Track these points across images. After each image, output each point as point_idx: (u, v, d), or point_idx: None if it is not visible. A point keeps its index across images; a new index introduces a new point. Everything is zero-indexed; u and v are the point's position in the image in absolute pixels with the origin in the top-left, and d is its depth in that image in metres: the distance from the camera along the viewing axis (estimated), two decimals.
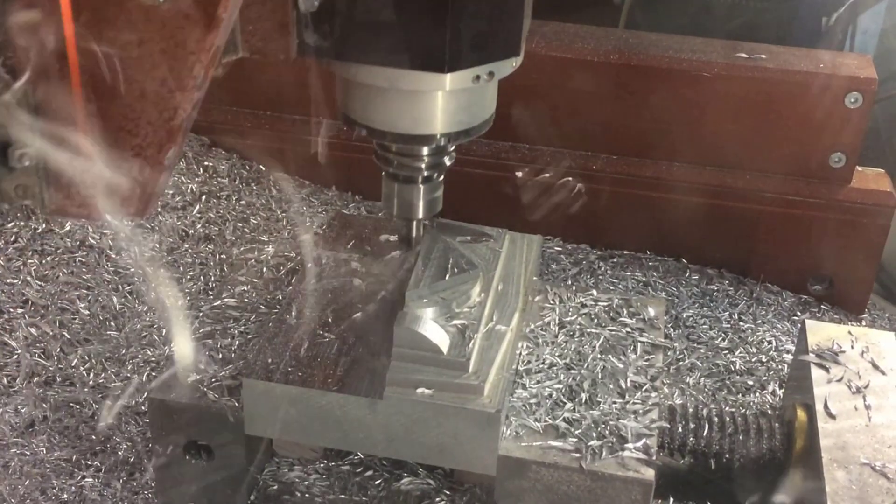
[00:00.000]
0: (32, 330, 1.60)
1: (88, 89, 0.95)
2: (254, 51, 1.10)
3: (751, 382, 1.62)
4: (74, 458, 1.43)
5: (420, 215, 1.33)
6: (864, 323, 1.83)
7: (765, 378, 1.63)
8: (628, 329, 1.43)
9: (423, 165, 1.28)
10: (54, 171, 0.96)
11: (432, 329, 1.25)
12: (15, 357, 1.56)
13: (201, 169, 1.97)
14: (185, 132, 0.98)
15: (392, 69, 1.13)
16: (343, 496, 1.36)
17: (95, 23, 0.93)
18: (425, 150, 1.26)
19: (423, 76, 1.14)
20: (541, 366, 1.34)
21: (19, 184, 0.97)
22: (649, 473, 1.22)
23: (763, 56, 1.79)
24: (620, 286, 1.82)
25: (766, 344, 1.71)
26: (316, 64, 1.17)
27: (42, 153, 0.95)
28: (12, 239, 1.73)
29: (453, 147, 1.28)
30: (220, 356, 1.36)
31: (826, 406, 1.33)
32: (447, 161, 1.30)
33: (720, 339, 1.72)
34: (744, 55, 1.80)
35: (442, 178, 1.32)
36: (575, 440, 1.24)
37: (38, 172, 0.97)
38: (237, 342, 1.38)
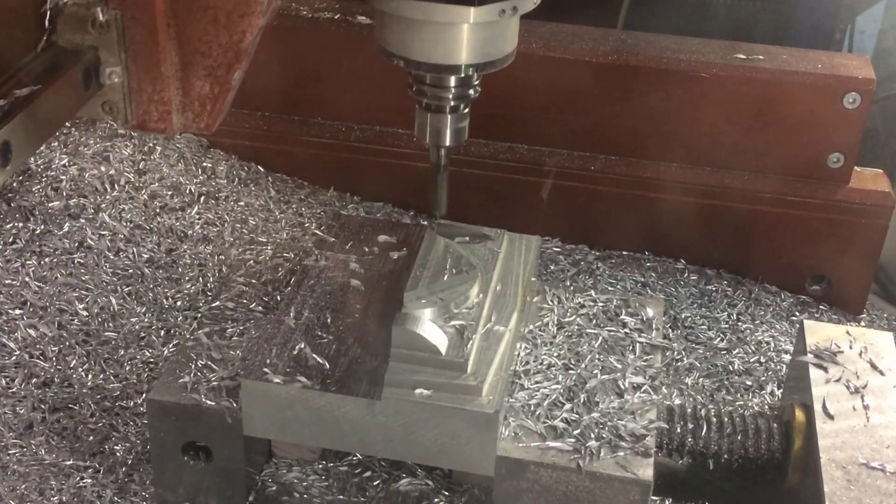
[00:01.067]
0: (31, 331, 1.59)
1: (169, 14, 1.08)
2: None
3: (749, 383, 1.62)
4: (73, 459, 1.43)
5: (448, 142, 1.38)
6: (862, 323, 1.83)
7: (763, 378, 1.63)
8: (627, 329, 1.43)
9: (451, 96, 1.34)
10: (137, 89, 1.10)
11: (430, 330, 1.25)
12: (13, 358, 1.56)
13: (200, 170, 1.97)
14: (249, 55, 1.10)
15: (425, 3, 1.22)
16: (341, 497, 1.36)
17: None
18: (453, 81, 1.33)
19: (454, 9, 1.22)
20: (539, 366, 1.34)
21: (106, 100, 1.11)
22: (647, 474, 1.22)
23: (761, 56, 1.79)
24: (619, 287, 1.82)
25: (764, 344, 1.71)
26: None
27: (127, 73, 1.09)
28: (11, 240, 1.73)
29: (478, 80, 1.35)
30: (219, 357, 1.36)
31: (824, 406, 1.33)
32: (472, 93, 1.36)
33: (719, 339, 1.72)
34: (742, 56, 1.80)
35: (467, 109, 1.38)
36: (573, 441, 1.24)
37: (123, 90, 1.10)
38: (235, 343, 1.38)
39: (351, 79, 1.89)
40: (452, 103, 1.35)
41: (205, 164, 1.98)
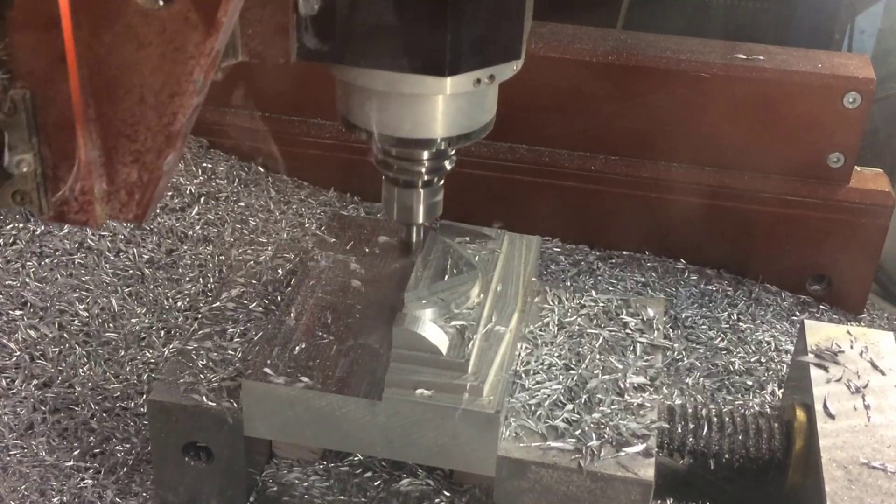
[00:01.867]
0: (31, 332, 1.59)
1: (87, 95, 0.95)
2: (253, 54, 1.10)
3: (750, 383, 1.62)
4: (73, 459, 1.43)
5: (420, 220, 1.32)
6: (863, 323, 1.83)
7: (764, 378, 1.63)
8: (627, 330, 1.43)
9: (424, 170, 1.27)
10: (52, 178, 0.96)
11: (431, 330, 1.25)
12: (14, 359, 1.56)
13: (200, 170, 1.97)
14: (184, 137, 0.97)
15: (392, 73, 1.13)
16: (342, 497, 1.36)
17: (94, 27, 0.92)
18: (425, 155, 1.25)
19: (423, 80, 1.13)
20: (540, 366, 1.34)
21: (17, 190, 0.97)
22: (649, 474, 1.22)
23: (761, 57, 1.79)
24: (619, 287, 1.82)
25: (765, 344, 1.71)
26: (315, 66, 1.17)
27: (40, 159, 0.95)
28: (11, 241, 1.73)
29: (453, 151, 1.28)
30: (220, 357, 1.36)
31: (825, 406, 1.33)
32: (448, 165, 1.29)
33: (719, 339, 1.72)
34: (742, 56, 1.80)
35: (442, 182, 1.31)
36: (574, 441, 1.24)
37: (37, 178, 0.96)
38: (236, 343, 1.38)
39: None
40: (426, 178, 1.28)
41: (205, 164, 1.98)
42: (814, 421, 1.31)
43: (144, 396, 1.49)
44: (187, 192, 1.91)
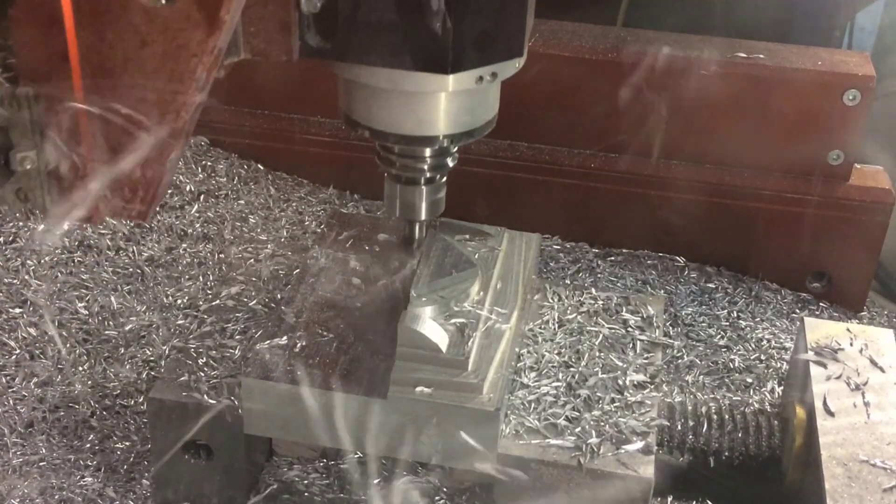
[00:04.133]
0: (31, 330, 1.59)
1: (90, 92, 0.95)
2: (255, 52, 1.10)
3: (750, 380, 1.62)
4: (73, 457, 1.43)
5: (422, 217, 1.32)
6: (863, 321, 1.83)
7: (764, 376, 1.63)
8: (627, 327, 1.43)
9: (426, 167, 1.27)
10: (55, 175, 0.96)
11: (431, 328, 1.25)
12: (14, 357, 1.56)
13: (199, 168, 1.97)
14: (187, 134, 0.98)
15: (395, 70, 1.13)
16: (342, 495, 1.36)
17: (97, 26, 0.92)
18: (428, 152, 1.25)
19: (426, 77, 1.13)
20: (540, 364, 1.34)
21: (21, 187, 0.98)
22: (648, 471, 1.22)
23: (762, 56, 1.79)
24: (619, 284, 1.82)
25: (764, 342, 1.71)
26: (315, 63, 1.17)
27: (44, 157, 0.95)
28: (11, 239, 1.73)
29: (456, 148, 1.28)
30: (220, 355, 1.36)
31: (825, 403, 1.33)
32: (450, 162, 1.29)
33: (719, 336, 1.72)
34: (742, 53, 1.80)
35: (445, 179, 1.31)
36: (574, 438, 1.24)
37: (40, 176, 0.97)
38: (236, 341, 1.38)
39: None
40: (428, 175, 1.28)
41: (204, 162, 1.98)
42: (813, 418, 1.31)
43: (144, 394, 1.49)
44: (187, 190, 1.91)
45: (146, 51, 0.93)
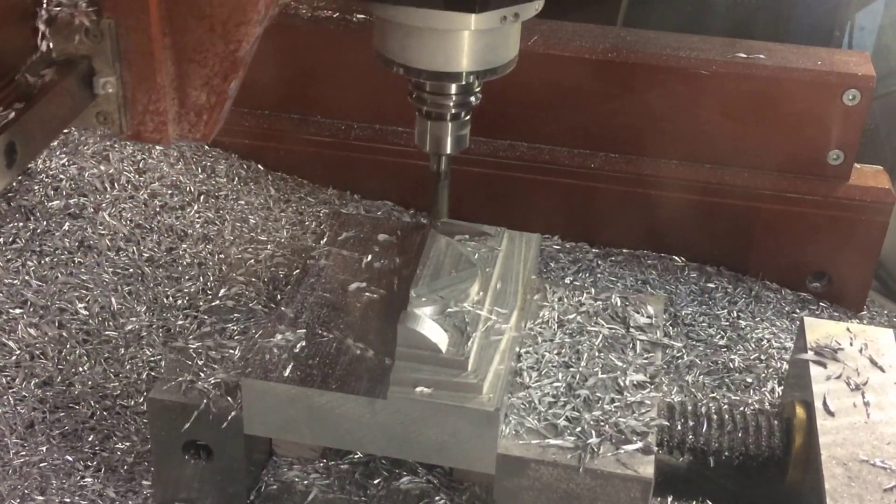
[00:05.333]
0: (32, 331, 1.59)
1: (164, 24, 1.05)
2: None
3: (750, 380, 1.62)
4: (74, 458, 1.43)
5: (448, 150, 1.38)
6: (863, 320, 1.83)
7: (764, 375, 1.63)
8: (627, 327, 1.43)
9: (452, 103, 1.33)
10: (132, 99, 1.07)
11: (431, 328, 1.25)
12: (14, 358, 1.56)
13: (200, 168, 1.97)
14: (246, 64, 1.07)
15: (427, 10, 1.21)
16: (342, 495, 1.36)
17: None
18: (454, 88, 1.32)
19: (454, 16, 1.21)
20: (540, 364, 1.34)
21: (101, 110, 1.09)
22: (648, 471, 1.22)
23: (762, 56, 1.79)
24: (619, 284, 1.82)
25: (764, 341, 1.71)
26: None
27: (121, 83, 1.07)
28: (11, 239, 1.73)
29: (479, 87, 1.34)
30: (219, 355, 1.36)
31: (825, 403, 1.33)
32: (473, 100, 1.35)
33: (719, 336, 1.72)
34: (742, 54, 1.80)
35: (469, 116, 1.37)
36: (574, 438, 1.24)
37: (118, 100, 1.08)
38: (236, 342, 1.38)
39: (350, 77, 1.89)
40: (453, 111, 1.35)
41: (204, 162, 1.98)
42: (813, 418, 1.31)
43: (144, 395, 1.49)
44: (187, 190, 1.91)
45: None
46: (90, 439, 1.46)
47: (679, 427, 1.36)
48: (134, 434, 1.47)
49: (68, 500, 1.37)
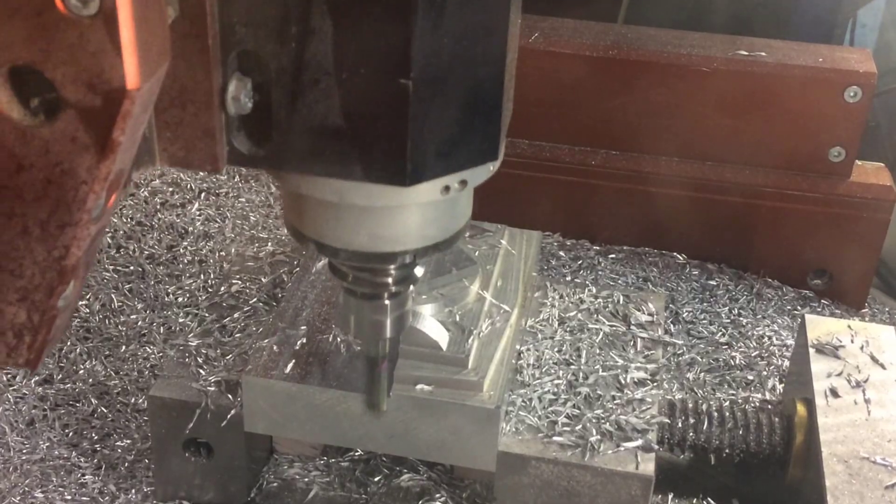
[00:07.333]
0: None
1: None
2: (173, 161, 0.90)
3: (751, 377, 1.62)
4: (74, 455, 1.43)
5: (389, 334, 1.12)
6: (865, 318, 1.83)
7: (765, 373, 1.63)
8: (628, 325, 1.43)
9: (390, 280, 1.08)
10: None
11: (431, 325, 1.25)
12: None
13: None
14: (86, 267, 0.83)
15: (343, 181, 0.92)
16: (343, 493, 1.36)
17: None
18: (391, 267, 1.06)
19: (380, 190, 0.92)
20: (540, 361, 1.34)
21: None
22: (649, 468, 1.22)
23: (763, 53, 1.79)
24: (620, 282, 1.82)
25: (765, 339, 1.71)
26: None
27: None
28: None
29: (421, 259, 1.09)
30: (220, 353, 1.36)
31: (826, 400, 1.33)
32: (418, 271, 1.11)
33: (720, 334, 1.72)
34: (743, 51, 1.79)
35: (412, 288, 1.12)
36: (575, 436, 1.24)
37: None
38: (236, 339, 1.38)
39: None
40: (393, 289, 1.08)
41: None
42: (814, 415, 1.31)
43: (145, 392, 1.49)
44: (188, 188, 1.91)
45: (24, 177, 0.77)
46: (91, 436, 1.46)
47: (680, 424, 1.36)
48: (134, 432, 1.47)
49: (69, 497, 1.37)
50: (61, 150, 0.76)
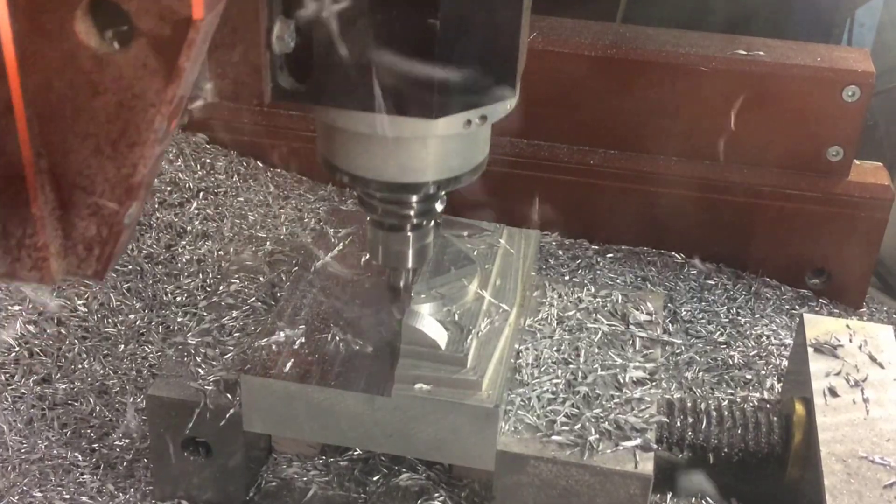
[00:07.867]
0: (31, 327, 1.59)
1: (38, 146, 0.86)
2: (223, 95, 1.00)
3: (749, 376, 1.62)
4: (73, 454, 1.43)
5: (410, 264, 1.23)
6: (864, 317, 1.83)
7: (763, 372, 1.63)
8: (627, 324, 1.43)
9: (413, 213, 1.17)
10: (2, 232, 0.88)
11: (430, 325, 1.25)
12: (13, 355, 1.56)
13: (199, 165, 1.97)
14: (147, 187, 0.89)
15: (375, 115, 1.02)
16: (341, 492, 1.36)
17: (44, 74, 0.84)
18: (414, 198, 1.16)
19: (409, 122, 1.03)
20: (539, 361, 1.34)
21: None
22: (648, 468, 1.22)
23: (761, 53, 1.79)
24: (618, 281, 1.82)
25: (764, 338, 1.71)
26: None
27: None
28: None
29: (444, 193, 1.20)
30: (218, 352, 1.36)
31: (824, 400, 1.33)
32: (439, 206, 1.20)
33: (718, 333, 1.72)
34: (741, 50, 1.79)
35: (433, 223, 1.22)
36: (573, 435, 1.24)
37: None
38: (235, 338, 1.38)
39: None
40: (415, 221, 1.18)
41: (204, 159, 1.98)
42: (813, 415, 1.31)
43: (144, 391, 1.49)
44: (186, 187, 1.91)
45: (99, 101, 0.85)
46: (89, 436, 1.46)
47: (678, 424, 1.36)
48: (133, 431, 1.47)
49: (67, 496, 1.37)
50: (133, 76, 0.84)
